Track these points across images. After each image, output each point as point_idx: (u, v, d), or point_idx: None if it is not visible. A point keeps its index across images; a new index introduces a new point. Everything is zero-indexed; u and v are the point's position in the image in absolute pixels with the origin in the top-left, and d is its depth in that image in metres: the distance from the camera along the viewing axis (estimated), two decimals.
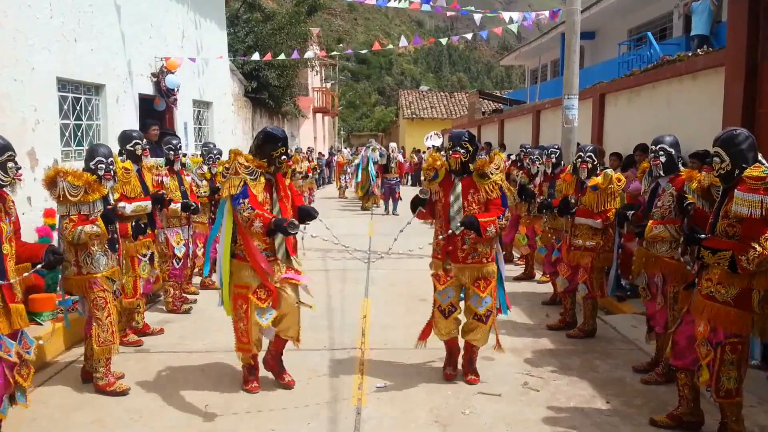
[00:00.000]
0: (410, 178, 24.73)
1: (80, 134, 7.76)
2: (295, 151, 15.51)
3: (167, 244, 6.20)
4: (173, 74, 9.78)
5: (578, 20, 8.54)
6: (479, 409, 4.17)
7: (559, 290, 6.30)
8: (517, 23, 10.57)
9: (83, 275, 4.34)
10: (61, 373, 4.82)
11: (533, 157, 7.62)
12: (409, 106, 35.97)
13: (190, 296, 6.89)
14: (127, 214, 5.08)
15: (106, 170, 4.39)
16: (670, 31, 14.18)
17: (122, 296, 4.91)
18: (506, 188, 4.45)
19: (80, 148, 7.61)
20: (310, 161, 17.14)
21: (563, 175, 6.11)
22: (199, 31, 11.58)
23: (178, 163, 6.34)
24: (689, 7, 10.85)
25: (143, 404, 4.24)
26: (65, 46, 7.20)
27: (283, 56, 13.26)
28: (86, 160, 4.46)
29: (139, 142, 5.41)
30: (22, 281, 3.54)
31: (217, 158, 7.28)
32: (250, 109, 17.36)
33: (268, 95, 18.58)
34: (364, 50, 28.67)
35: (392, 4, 10.37)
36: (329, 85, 36.90)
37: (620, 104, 9.50)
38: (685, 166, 4.85)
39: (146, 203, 5.30)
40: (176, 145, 6.29)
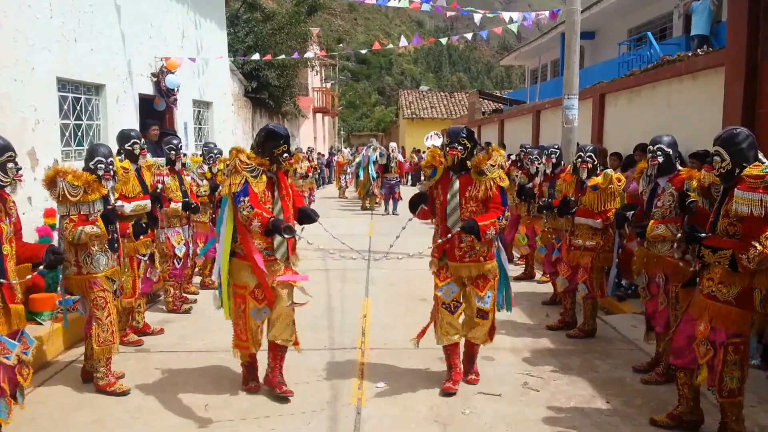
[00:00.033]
0: (410, 178, 24.73)
1: (80, 134, 7.76)
2: (295, 150, 15.51)
3: (167, 243, 6.21)
4: (173, 74, 9.77)
5: (578, 20, 8.55)
6: (479, 408, 4.17)
7: (559, 290, 6.30)
8: (517, 23, 10.57)
9: (83, 275, 4.34)
10: (61, 372, 4.83)
11: (532, 157, 7.62)
12: (409, 106, 35.96)
13: (190, 296, 6.89)
14: (126, 213, 5.09)
15: (105, 170, 4.39)
16: (670, 31, 14.18)
17: (122, 296, 4.92)
18: (505, 186, 4.38)
19: (80, 148, 7.61)
20: (310, 161, 17.14)
21: (563, 175, 6.11)
22: (199, 31, 11.57)
23: (179, 162, 6.35)
24: (689, 7, 10.85)
25: (143, 404, 4.24)
26: (65, 46, 7.20)
27: (283, 56, 13.27)
28: (86, 159, 4.47)
29: (137, 141, 5.41)
30: (23, 283, 3.54)
31: (217, 158, 7.29)
32: (250, 109, 17.36)
33: (268, 95, 18.58)
34: (364, 50, 28.55)
35: (392, 4, 10.36)
36: (329, 85, 36.93)
37: (620, 104, 9.50)
38: (684, 165, 4.85)
39: (145, 202, 5.30)
40: (177, 144, 6.31)
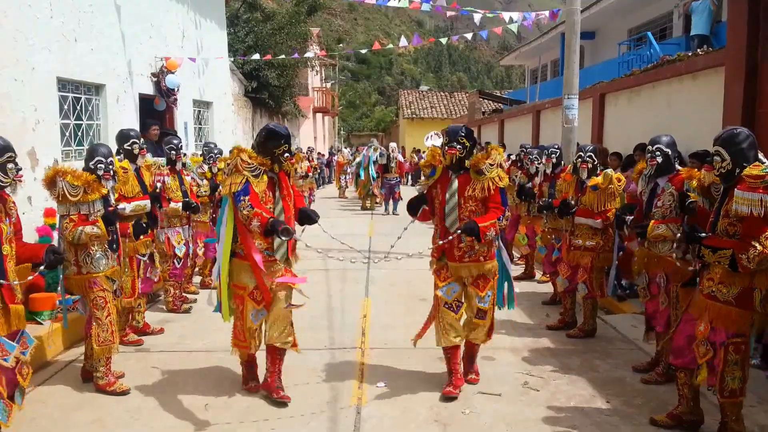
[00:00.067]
0: (410, 178, 24.72)
1: (80, 134, 7.76)
2: (295, 150, 15.52)
3: (167, 243, 6.21)
4: (173, 74, 9.77)
5: (578, 20, 8.55)
6: (479, 408, 4.17)
7: (559, 290, 6.30)
8: (517, 23, 10.58)
9: (83, 275, 4.34)
10: (60, 372, 4.83)
11: (532, 157, 7.62)
12: (409, 106, 35.95)
13: (190, 296, 6.89)
14: (126, 213, 5.08)
15: (105, 170, 4.38)
16: (670, 30, 14.18)
17: (122, 296, 4.92)
18: (505, 185, 4.35)
19: (80, 148, 7.61)
20: (310, 161, 17.14)
21: (563, 175, 6.11)
22: (199, 31, 11.57)
23: (179, 162, 6.36)
24: (689, 6, 10.85)
25: (143, 404, 4.24)
26: (65, 46, 7.20)
27: (283, 56, 13.26)
28: (86, 159, 4.47)
29: (136, 141, 5.40)
30: (23, 284, 3.54)
31: (217, 158, 7.29)
32: (250, 109, 17.36)
33: (268, 95, 18.58)
34: (364, 50, 28.57)
35: (392, 4, 10.36)
36: (329, 85, 36.92)
37: (620, 104, 9.50)
38: (683, 165, 4.85)
39: (145, 202, 5.30)
40: (177, 144, 6.31)
